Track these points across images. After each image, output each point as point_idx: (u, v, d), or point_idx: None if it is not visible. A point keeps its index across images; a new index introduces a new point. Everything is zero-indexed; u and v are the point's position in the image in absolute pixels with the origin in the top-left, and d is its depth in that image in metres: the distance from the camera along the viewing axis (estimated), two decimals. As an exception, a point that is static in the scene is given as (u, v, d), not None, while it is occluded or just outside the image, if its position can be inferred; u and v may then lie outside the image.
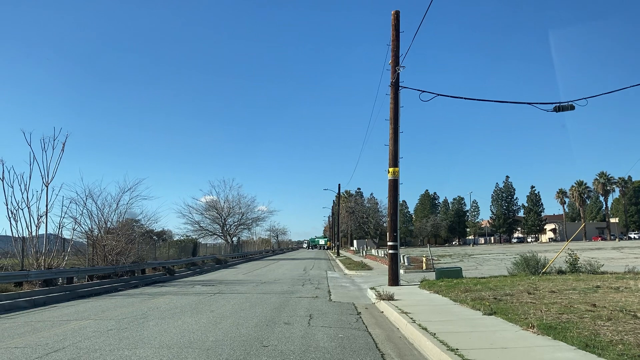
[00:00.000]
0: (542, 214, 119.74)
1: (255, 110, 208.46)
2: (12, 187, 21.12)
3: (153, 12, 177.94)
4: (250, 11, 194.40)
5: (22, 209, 21.16)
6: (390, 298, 13.13)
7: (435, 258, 32.32)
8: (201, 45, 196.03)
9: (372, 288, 16.48)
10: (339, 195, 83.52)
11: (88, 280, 21.66)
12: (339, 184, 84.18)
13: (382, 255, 38.50)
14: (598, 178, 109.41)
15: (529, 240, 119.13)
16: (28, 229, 21.23)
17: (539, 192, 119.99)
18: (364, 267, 31.78)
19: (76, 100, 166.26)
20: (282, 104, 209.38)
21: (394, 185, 17.90)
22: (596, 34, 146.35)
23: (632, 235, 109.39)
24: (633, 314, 8.81)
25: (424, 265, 26.00)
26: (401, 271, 20.21)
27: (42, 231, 21.87)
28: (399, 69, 17.88)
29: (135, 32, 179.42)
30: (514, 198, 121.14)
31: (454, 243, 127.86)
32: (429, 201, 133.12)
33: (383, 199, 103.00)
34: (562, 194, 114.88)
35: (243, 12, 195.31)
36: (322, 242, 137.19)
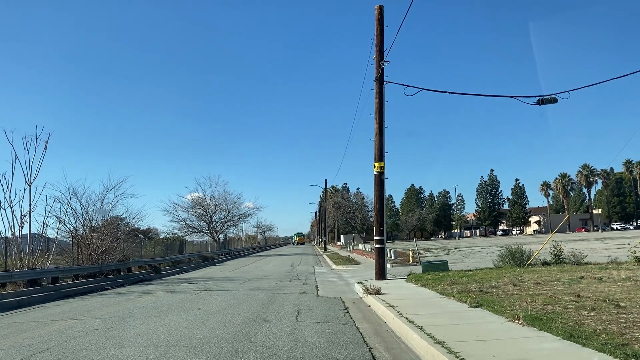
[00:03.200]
0: (527, 206, 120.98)
1: (240, 106, 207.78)
2: (-6, 187, 20.85)
3: (138, 8, 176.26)
4: (237, 8, 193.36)
5: (4, 209, 20.93)
6: (377, 292, 13.18)
7: (422, 251, 32.48)
8: (185, 43, 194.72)
9: (359, 282, 16.53)
10: (325, 191, 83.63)
11: (73, 280, 21.44)
12: (325, 180, 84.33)
13: (369, 250, 38.62)
14: (581, 170, 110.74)
15: (514, 232, 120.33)
16: (11, 228, 21.00)
17: (523, 185, 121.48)
18: (351, 261, 31.85)
19: (59, 97, 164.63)
20: (267, 100, 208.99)
21: (379, 179, 17.94)
22: (576, 24, 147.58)
23: (614, 226, 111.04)
24: (616, 303, 8.94)
25: (410, 258, 26.13)
26: (388, 265, 20.29)
27: (25, 231, 21.67)
28: (383, 64, 17.89)
29: (118, 29, 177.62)
30: (499, 191, 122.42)
31: (440, 236, 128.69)
32: (414, 195, 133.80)
33: (369, 194, 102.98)
34: (546, 186, 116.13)
35: (229, 10, 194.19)
36: (296, 237, 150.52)
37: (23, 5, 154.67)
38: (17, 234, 21.18)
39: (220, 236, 65.46)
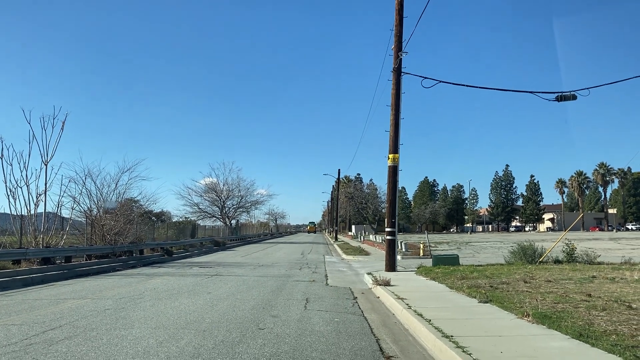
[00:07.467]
0: (541, 203, 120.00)
1: (256, 93, 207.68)
2: (11, 165, 21.15)
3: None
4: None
5: (20, 187, 21.20)
6: (386, 284, 13.18)
7: (433, 245, 32.41)
8: (202, 26, 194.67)
9: (369, 273, 16.55)
10: (338, 181, 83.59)
11: (86, 260, 21.71)
12: (339, 169, 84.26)
13: (380, 241, 38.60)
14: (598, 169, 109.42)
15: (527, 229, 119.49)
16: (27, 207, 21.29)
17: (538, 182, 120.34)
18: (361, 252, 31.89)
19: (77, 79, 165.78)
20: (283, 88, 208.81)
21: (393, 171, 17.87)
22: (602, 21, 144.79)
23: (629, 227, 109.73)
24: (628, 304, 8.84)
25: (421, 251, 26.06)
26: (398, 257, 20.27)
27: (40, 210, 21.93)
28: (401, 55, 17.73)
29: (136, 12, 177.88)
30: (513, 187, 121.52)
31: (451, 230, 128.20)
32: (428, 188, 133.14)
33: (382, 185, 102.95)
34: (561, 183, 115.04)
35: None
36: (308, 226, 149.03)
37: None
38: (32, 212, 21.47)
39: (232, 222, 65.82)
